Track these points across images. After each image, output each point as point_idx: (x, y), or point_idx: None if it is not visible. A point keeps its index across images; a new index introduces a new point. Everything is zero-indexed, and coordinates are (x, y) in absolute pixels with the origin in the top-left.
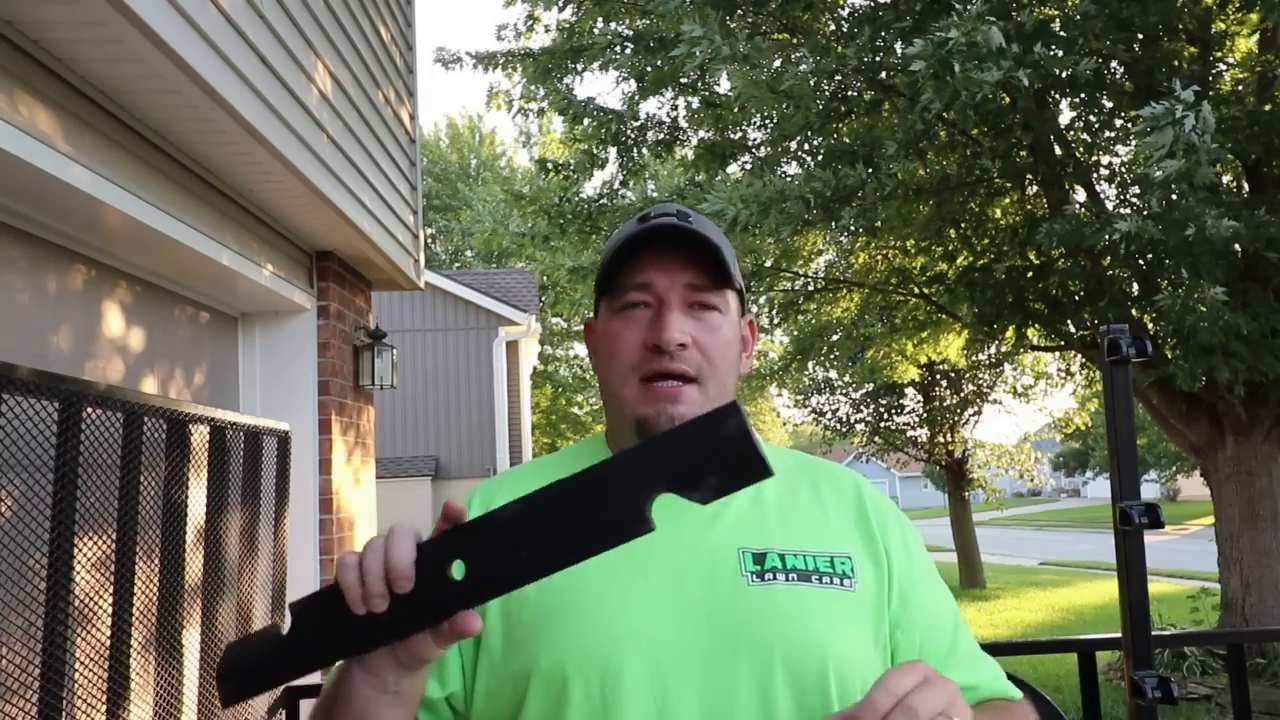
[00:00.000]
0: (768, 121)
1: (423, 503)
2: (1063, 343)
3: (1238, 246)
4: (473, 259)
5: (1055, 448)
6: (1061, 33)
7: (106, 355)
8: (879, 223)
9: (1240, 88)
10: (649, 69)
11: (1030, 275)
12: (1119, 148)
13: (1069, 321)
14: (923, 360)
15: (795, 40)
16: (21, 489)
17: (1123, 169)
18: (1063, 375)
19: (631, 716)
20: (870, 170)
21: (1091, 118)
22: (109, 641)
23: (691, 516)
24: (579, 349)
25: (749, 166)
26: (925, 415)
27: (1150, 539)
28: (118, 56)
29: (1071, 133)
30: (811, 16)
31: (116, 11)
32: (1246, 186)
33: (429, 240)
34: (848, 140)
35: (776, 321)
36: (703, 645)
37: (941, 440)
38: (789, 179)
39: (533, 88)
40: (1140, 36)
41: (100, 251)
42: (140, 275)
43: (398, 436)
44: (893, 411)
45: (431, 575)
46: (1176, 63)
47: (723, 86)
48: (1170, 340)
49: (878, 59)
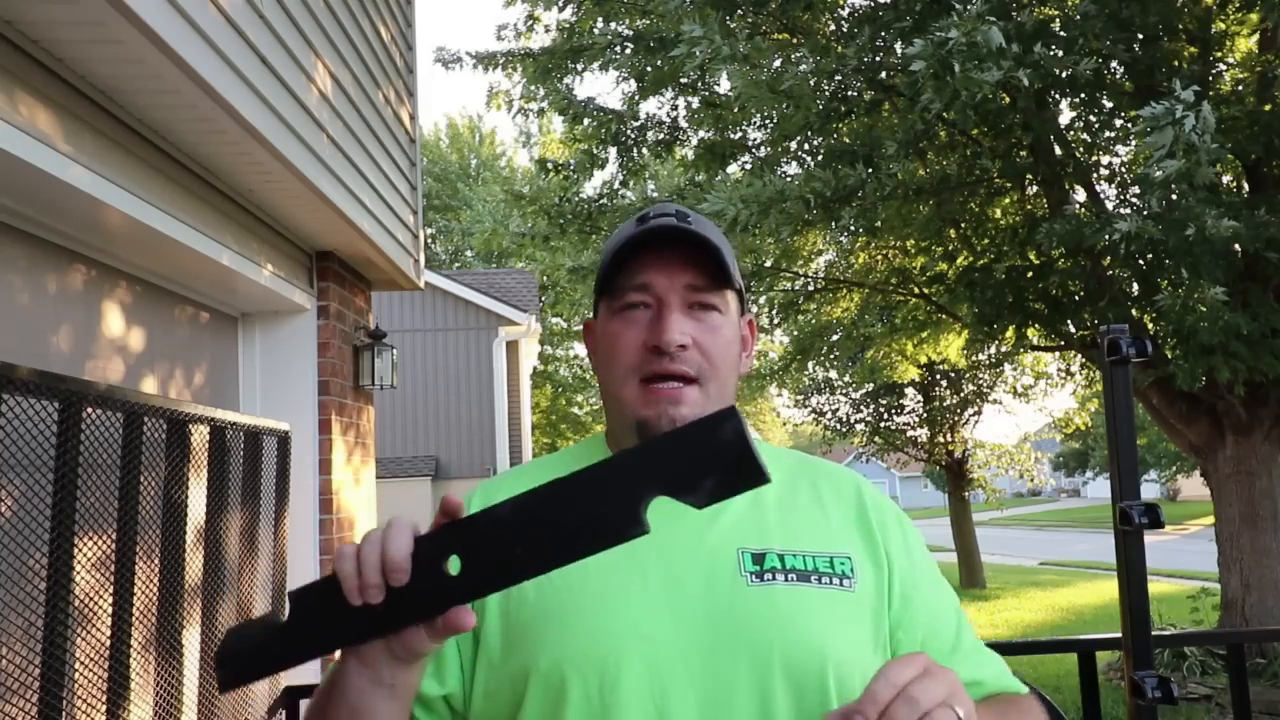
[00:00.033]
0: (768, 121)
1: (423, 503)
2: (1063, 343)
3: (1238, 246)
4: (473, 259)
5: (1055, 448)
6: (1061, 33)
7: (106, 355)
8: (879, 223)
9: (1240, 88)
10: (649, 69)
11: (1030, 275)
12: (1119, 148)
13: (1069, 321)
14: (923, 360)
15: (795, 40)
16: (21, 489)
17: (1123, 169)
18: (1063, 375)
19: (630, 717)
20: (870, 170)
21: (1091, 118)
22: (109, 641)
23: (691, 517)
24: (579, 349)
25: (749, 166)
26: (925, 415)
27: (1150, 539)
28: (118, 56)
29: (1071, 133)
30: (811, 16)
31: (116, 11)
32: (1246, 186)
33: (429, 240)
34: (848, 140)
35: (776, 321)
36: (702, 646)
37: (941, 440)
38: (789, 179)
39: (533, 88)
40: (1140, 36)
41: (100, 251)
42: (140, 275)
43: (398, 436)
44: (893, 411)
45: (427, 569)
46: (1176, 63)
47: (723, 86)
48: (1170, 340)
49: (878, 59)
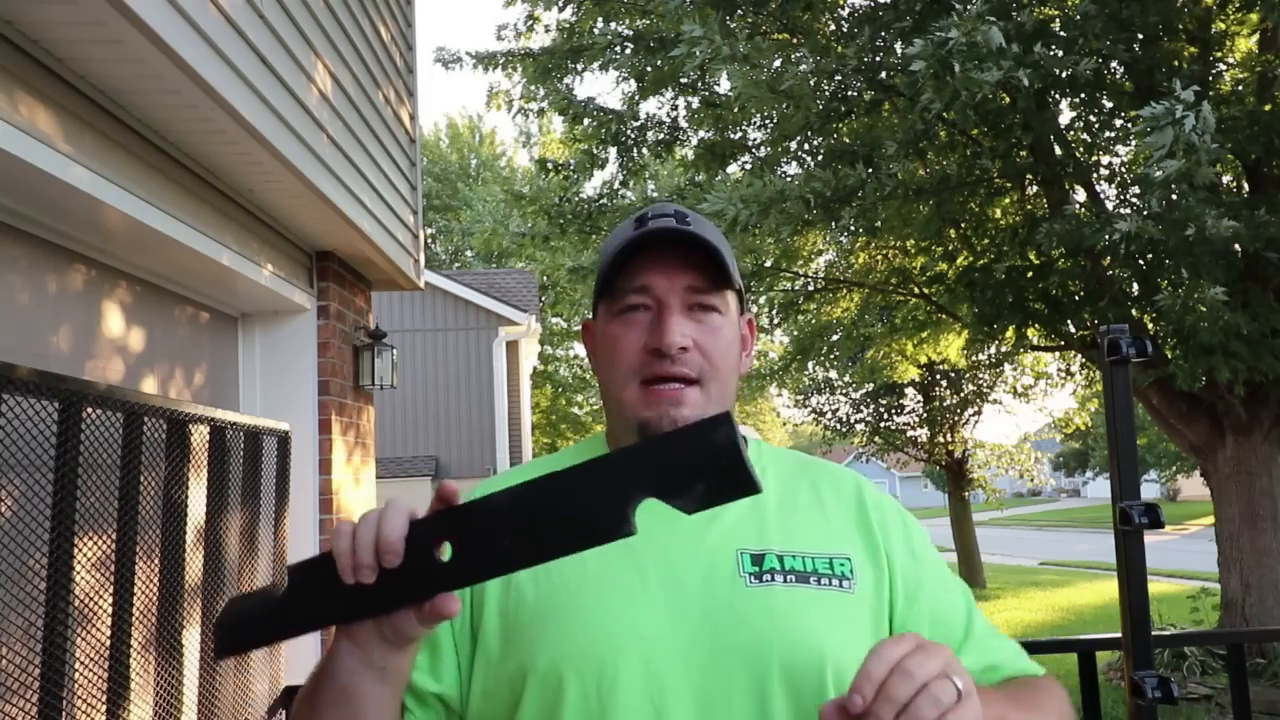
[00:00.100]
0: (768, 121)
1: (422, 503)
2: (1063, 343)
3: (1238, 246)
4: (473, 259)
5: (1055, 448)
6: (1061, 33)
7: (106, 355)
8: (879, 223)
9: (1240, 88)
10: (649, 69)
11: (1030, 275)
12: (1119, 148)
13: (1069, 321)
14: (923, 360)
15: (795, 40)
16: (21, 489)
17: (1123, 169)
18: (1063, 375)
19: (627, 717)
20: (870, 170)
21: (1091, 118)
22: (109, 641)
23: (690, 517)
24: (579, 349)
25: (749, 166)
26: (925, 415)
27: (1150, 539)
28: (118, 56)
29: (1071, 133)
30: (811, 16)
31: (116, 11)
32: (1246, 186)
33: (429, 240)
34: (848, 140)
35: (776, 321)
36: (700, 646)
37: (941, 440)
38: (789, 179)
39: (533, 88)
40: (1140, 36)
41: (100, 251)
42: (140, 275)
43: (398, 436)
44: (893, 411)
45: (420, 553)
46: (1176, 63)
47: (723, 86)
48: (1170, 340)
49: (878, 59)
